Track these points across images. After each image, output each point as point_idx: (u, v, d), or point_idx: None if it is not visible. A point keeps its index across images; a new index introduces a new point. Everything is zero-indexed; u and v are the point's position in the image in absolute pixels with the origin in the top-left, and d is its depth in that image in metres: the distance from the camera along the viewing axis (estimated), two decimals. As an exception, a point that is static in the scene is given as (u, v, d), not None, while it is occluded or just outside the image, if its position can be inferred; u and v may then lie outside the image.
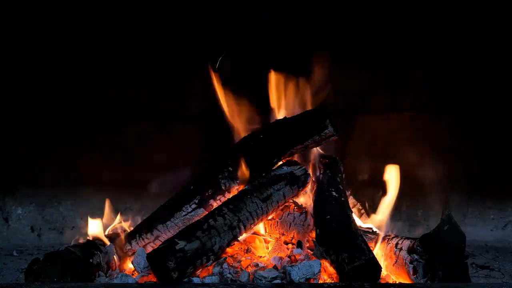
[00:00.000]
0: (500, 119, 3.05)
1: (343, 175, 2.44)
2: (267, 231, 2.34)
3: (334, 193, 2.24)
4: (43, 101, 3.01)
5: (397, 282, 2.02)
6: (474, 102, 3.04)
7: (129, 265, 2.24)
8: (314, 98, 2.50)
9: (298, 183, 2.27)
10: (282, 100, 2.50)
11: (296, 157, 2.38)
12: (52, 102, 3.01)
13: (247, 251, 2.22)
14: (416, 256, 1.95)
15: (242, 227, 2.08)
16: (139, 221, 2.38)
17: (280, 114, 2.48)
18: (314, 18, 2.95)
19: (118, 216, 2.40)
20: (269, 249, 2.25)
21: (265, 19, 2.94)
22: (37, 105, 3.01)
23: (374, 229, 2.28)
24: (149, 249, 2.16)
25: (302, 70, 2.55)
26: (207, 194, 2.25)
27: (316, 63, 2.59)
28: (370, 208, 2.45)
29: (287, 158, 2.34)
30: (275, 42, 2.94)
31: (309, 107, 2.47)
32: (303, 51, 2.91)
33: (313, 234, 2.17)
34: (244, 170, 2.26)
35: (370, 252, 1.92)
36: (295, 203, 2.34)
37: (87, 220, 2.28)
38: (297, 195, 2.33)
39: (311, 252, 2.15)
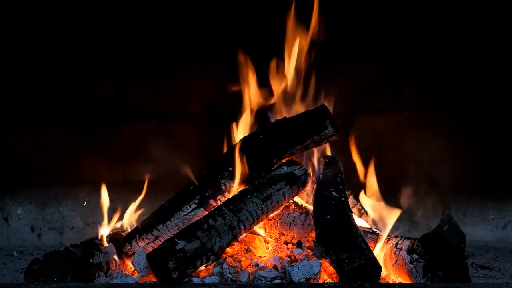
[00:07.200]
0: (500, 119, 3.05)
1: (343, 175, 2.44)
2: (267, 231, 2.34)
3: (334, 193, 2.23)
4: (43, 101, 3.01)
5: (397, 282, 2.02)
6: (474, 103, 3.04)
7: (129, 265, 2.24)
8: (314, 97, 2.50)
9: (298, 183, 2.27)
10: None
11: (296, 157, 2.38)
12: (52, 103, 3.01)
13: (247, 251, 2.22)
14: (416, 256, 1.95)
15: (242, 227, 2.08)
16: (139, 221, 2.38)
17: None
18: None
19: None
20: (269, 249, 2.25)
21: (262, 16, 2.94)
22: (38, 106, 3.01)
23: (374, 229, 2.28)
24: (149, 249, 2.15)
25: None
26: (207, 194, 2.25)
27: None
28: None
29: (287, 158, 2.33)
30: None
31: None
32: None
33: (313, 234, 2.17)
34: (244, 170, 2.26)
35: (370, 252, 1.92)
36: (295, 203, 2.34)
37: (87, 221, 2.27)
38: (297, 195, 2.33)
39: (311, 252, 2.14)
